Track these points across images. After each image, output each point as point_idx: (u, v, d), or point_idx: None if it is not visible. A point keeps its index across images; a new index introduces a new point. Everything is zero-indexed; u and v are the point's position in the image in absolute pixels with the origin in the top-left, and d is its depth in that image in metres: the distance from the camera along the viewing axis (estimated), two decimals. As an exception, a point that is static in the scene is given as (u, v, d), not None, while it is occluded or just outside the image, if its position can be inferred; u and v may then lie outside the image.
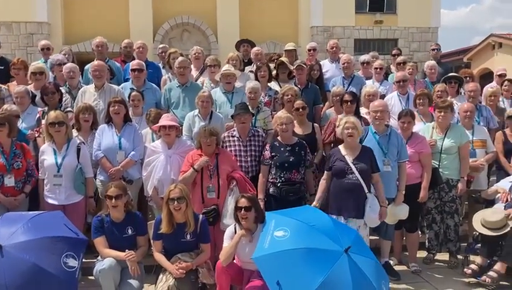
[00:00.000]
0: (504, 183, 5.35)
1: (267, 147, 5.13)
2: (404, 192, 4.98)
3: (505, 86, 7.60)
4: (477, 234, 5.11)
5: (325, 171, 4.86)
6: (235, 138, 5.26)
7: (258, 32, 18.79)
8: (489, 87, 6.95)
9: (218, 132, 4.95)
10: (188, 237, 4.33)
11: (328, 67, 7.69)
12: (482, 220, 4.91)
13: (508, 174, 5.52)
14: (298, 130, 5.58)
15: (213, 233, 4.66)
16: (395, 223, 5.11)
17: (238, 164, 5.17)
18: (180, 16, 19.44)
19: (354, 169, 4.60)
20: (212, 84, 6.59)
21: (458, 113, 5.88)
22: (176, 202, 4.19)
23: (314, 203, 4.80)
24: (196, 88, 5.97)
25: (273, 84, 6.68)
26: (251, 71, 7.00)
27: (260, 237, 3.95)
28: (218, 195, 4.75)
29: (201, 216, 4.44)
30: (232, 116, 5.34)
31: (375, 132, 5.01)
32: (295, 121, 5.61)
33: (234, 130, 5.32)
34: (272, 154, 5.05)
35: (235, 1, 19.52)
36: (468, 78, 7.52)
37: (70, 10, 18.65)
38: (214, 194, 4.76)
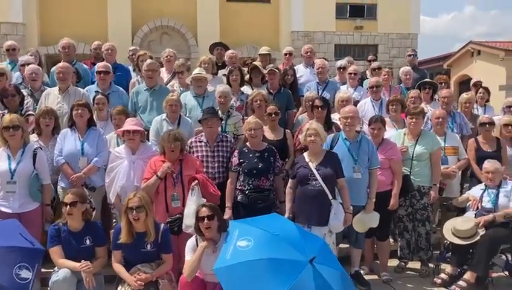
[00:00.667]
0: (475, 191, 5.29)
1: (236, 153, 4.99)
2: (374, 200, 4.89)
3: (480, 93, 7.63)
4: (448, 242, 5.03)
5: (290, 179, 4.75)
6: (203, 143, 5.10)
7: (238, 36, 18.74)
8: (465, 94, 6.92)
9: (183, 137, 4.78)
10: (149, 247, 4.15)
11: (302, 72, 7.59)
12: (453, 229, 4.84)
13: (480, 182, 5.46)
14: (269, 135, 5.45)
15: (177, 243, 4.48)
16: (366, 231, 5.00)
17: (205, 169, 5.00)
18: (159, 18, 19.23)
19: (317, 175, 4.50)
20: (182, 88, 6.42)
21: (430, 119, 5.82)
22: (134, 212, 4.01)
23: (286, 214, 4.68)
24: (165, 92, 5.79)
25: (246, 89, 6.54)
26: (224, 75, 6.85)
27: (222, 248, 3.80)
28: (183, 203, 4.57)
29: (162, 225, 4.27)
30: (199, 121, 5.17)
31: (345, 138, 4.91)
32: (267, 127, 5.50)
33: (202, 135, 5.16)
34: (240, 160, 4.91)
35: (215, 4, 19.41)
36: (443, 84, 7.51)
37: (46, 11, 18.31)
38: (179, 203, 4.57)
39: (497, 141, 5.86)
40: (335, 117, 5.78)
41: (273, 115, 5.44)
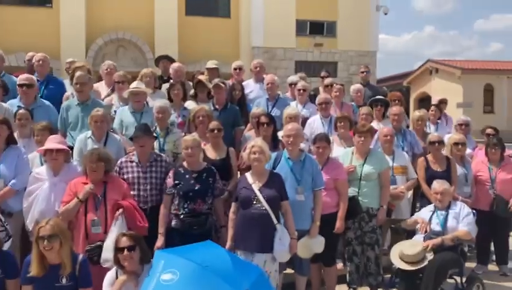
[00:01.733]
0: (424, 213, 5.07)
1: (171, 174, 4.60)
2: (319, 223, 4.58)
3: (432, 110, 7.53)
4: (397, 267, 4.76)
5: (233, 203, 4.39)
6: (134, 164, 4.68)
7: (198, 50, 18.43)
8: (417, 112, 6.79)
9: (108, 157, 4.36)
10: (64, 280, 3.66)
11: (252, 88, 7.28)
12: (400, 253, 4.58)
13: (431, 203, 5.25)
14: (211, 154, 5.10)
15: (99, 275, 4.01)
16: (311, 257, 4.67)
17: (136, 192, 4.59)
18: (115, 31, 18.72)
19: (260, 197, 4.16)
20: (121, 103, 6.00)
21: (378, 137, 5.61)
22: (46, 241, 3.53)
23: (227, 243, 4.31)
24: (98, 107, 5.35)
25: (191, 104, 6.19)
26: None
27: (144, 282, 3.39)
28: (106, 229, 4.12)
29: (81, 256, 3.80)
30: (130, 139, 4.76)
31: (288, 158, 4.60)
32: (209, 145, 5.15)
33: (133, 155, 4.75)
34: (175, 182, 4.52)
35: (173, 17, 19.08)
36: (396, 102, 7.33)
37: (-5, 21, 17.53)
38: (100, 229, 4.12)
39: (447, 160, 5.69)
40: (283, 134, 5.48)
41: (215, 132, 5.09)
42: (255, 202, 4.17)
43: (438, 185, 4.99)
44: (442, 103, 8.28)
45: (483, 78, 24.49)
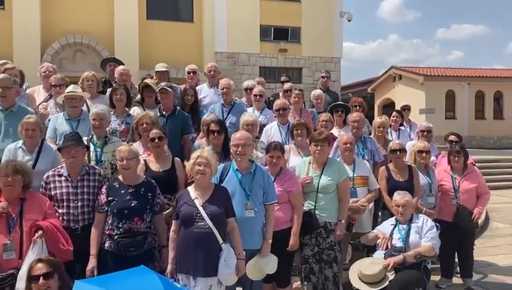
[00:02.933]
0: (385, 227, 4.73)
1: (104, 189, 4.09)
2: (271, 240, 4.15)
3: (393, 116, 7.25)
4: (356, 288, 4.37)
5: (173, 221, 3.91)
6: (63, 178, 4.13)
7: (159, 55, 17.76)
8: (378, 118, 6.47)
9: (27, 170, 3.82)
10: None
11: (206, 93, 6.84)
12: (359, 273, 4.20)
13: (393, 215, 4.92)
14: (154, 165, 4.61)
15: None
16: (262, 278, 4.23)
17: (66, 210, 4.05)
18: (73, 34, 17.98)
19: (204, 215, 3.70)
20: (58, 109, 5.44)
21: (338, 145, 5.24)
22: None
23: (168, 267, 3.83)
24: (25, 113, 4.78)
25: (136, 110, 5.68)
26: (112, 94, 5.93)
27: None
28: (21, 255, 3.56)
29: (-12, 288, 3.26)
30: (58, 149, 4.22)
31: (237, 169, 4.15)
32: (151, 156, 4.66)
33: (62, 168, 4.20)
34: (109, 198, 4.02)
35: (134, 22, 18.51)
36: (357, 108, 7.00)
37: None
38: (14, 254, 3.56)
39: (409, 169, 5.38)
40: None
41: (156, 141, 4.60)
42: (197, 220, 3.71)
43: (399, 197, 4.67)
44: (405, 109, 8.02)
45: (445, 85, 24.82)
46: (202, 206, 3.75)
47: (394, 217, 4.76)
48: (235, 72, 19.00)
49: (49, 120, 5.21)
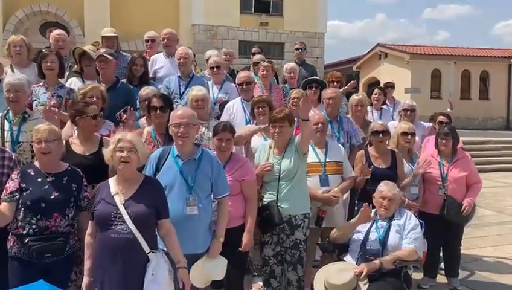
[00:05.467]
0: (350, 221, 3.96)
1: (15, 175, 3.26)
2: (222, 239, 3.39)
3: (375, 94, 6.49)
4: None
5: (90, 222, 3.10)
6: (-41, 163, 3.31)
7: (133, 28, 16.70)
8: (355, 95, 5.68)
9: None
10: None
11: (162, 63, 5.96)
12: (325, 282, 3.45)
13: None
14: (78, 148, 3.77)
15: None
16: (208, 284, 3.48)
17: (-39, 204, 3.22)
18: (38, 3, 16.71)
19: (125, 215, 2.89)
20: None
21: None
22: None
23: (84, 280, 3.03)
24: None
25: (74, 81, 4.82)
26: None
27: None
28: None
29: None
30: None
31: (177, 156, 3.35)
32: (78, 137, 3.83)
33: (-41, 150, 3.37)
34: (22, 185, 3.20)
35: (105, -9, 17.32)
36: (335, 83, 6.20)
37: None
38: None
39: (392, 154, 4.64)
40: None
41: (96, 119, 3.78)
42: (116, 222, 2.89)
43: (387, 188, 3.90)
44: (388, 86, 7.27)
45: (431, 64, 24.24)
46: (123, 204, 2.93)
47: (373, 210, 4.01)
48: (212, 46, 17.94)
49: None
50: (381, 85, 7.69)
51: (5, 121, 3.85)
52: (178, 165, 3.31)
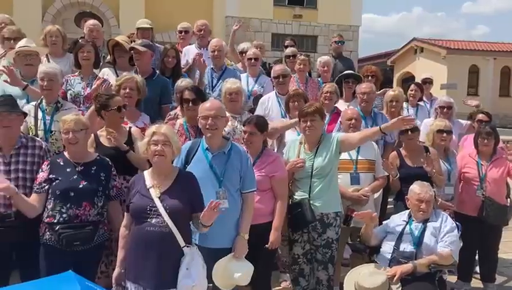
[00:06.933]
0: (395, 223, 3.83)
1: (45, 165, 3.30)
2: (247, 236, 3.32)
3: (411, 90, 6.28)
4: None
5: (125, 213, 3.10)
6: (-7, 151, 3.36)
7: (167, 20, 16.77)
8: (391, 91, 5.52)
9: None
10: None
11: (194, 55, 5.92)
12: (356, 285, 3.35)
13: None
14: (107, 141, 3.78)
15: None
16: (231, 288, 3.37)
17: (-6, 192, 3.28)
18: (75, -7, 17.01)
19: (160, 209, 2.87)
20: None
21: (341, 121, 4.35)
22: None
23: (115, 271, 3.04)
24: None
25: (107, 72, 4.85)
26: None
27: None
28: None
29: None
30: (-12, 117, 3.41)
31: (207, 149, 3.30)
32: (103, 130, 3.86)
33: (-8, 139, 3.42)
34: (51, 176, 3.23)
35: (140, -17, 17.45)
36: (369, 78, 6.03)
37: None
38: None
39: (426, 151, 4.47)
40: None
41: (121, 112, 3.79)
42: (151, 216, 2.87)
43: (423, 190, 3.72)
44: (426, 82, 7.01)
45: (469, 60, 23.51)
46: (159, 197, 2.91)
47: (407, 211, 3.87)
48: (245, 39, 17.84)
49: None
50: (417, 80, 7.44)
51: (39, 110, 3.90)
52: (208, 158, 3.27)
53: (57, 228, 3.18)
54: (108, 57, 5.05)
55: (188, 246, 2.93)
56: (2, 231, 3.19)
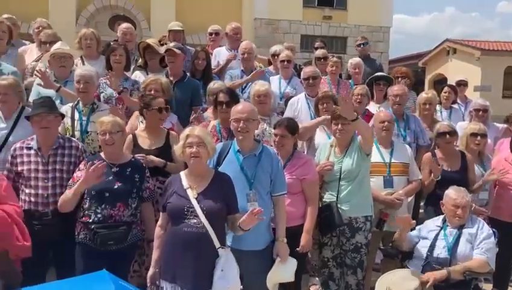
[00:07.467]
0: (429, 228, 3.74)
1: (82, 165, 3.39)
2: (285, 240, 3.30)
3: (445, 92, 6.15)
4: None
5: (161, 213, 3.15)
6: (32, 151, 3.45)
7: (196, 21, 16.95)
8: (424, 93, 5.42)
9: None
10: None
11: (224, 57, 5.95)
12: (388, 290, 3.31)
13: (438, 213, 3.95)
14: (144, 141, 3.86)
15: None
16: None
17: (33, 191, 3.40)
18: (108, -3, 17.39)
19: (198, 209, 2.90)
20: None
21: (373, 124, 4.30)
22: None
23: (150, 270, 3.08)
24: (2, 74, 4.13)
25: (139, 75, 4.93)
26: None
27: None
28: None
29: None
30: (27, 118, 3.52)
31: (238, 151, 3.31)
32: (142, 130, 3.93)
33: (32, 139, 3.52)
34: None
35: (171, -14, 17.69)
36: (400, 79, 5.94)
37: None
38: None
39: (462, 156, 4.37)
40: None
41: (163, 112, 3.85)
42: (189, 216, 2.91)
43: (459, 195, 3.63)
44: (461, 84, 6.85)
45: (504, 61, 22.77)
46: (196, 198, 2.94)
47: (441, 217, 3.79)
48: (274, 41, 17.87)
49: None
50: (450, 82, 7.28)
51: (75, 111, 4.00)
52: (239, 160, 3.28)
53: (92, 227, 3.26)
54: (140, 60, 5.11)
55: (222, 248, 2.95)
56: (39, 229, 3.27)
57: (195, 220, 2.90)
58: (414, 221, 3.70)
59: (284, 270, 3.28)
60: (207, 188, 2.99)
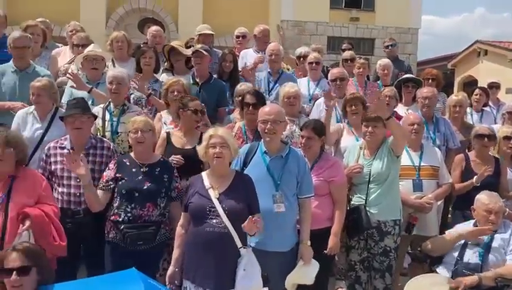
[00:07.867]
0: (458, 230, 3.68)
1: (112, 164, 3.45)
2: (309, 242, 3.30)
3: (476, 94, 6.03)
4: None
5: (182, 213, 3.18)
6: (65, 151, 3.54)
7: (223, 23, 17.02)
8: (454, 95, 5.33)
9: (21, 142, 3.23)
10: None
11: (252, 58, 5.96)
12: (417, 296, 3.25)
13: (467, 218, 3.88)
14: (178, 141, 3.91)
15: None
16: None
17: (66, 190, 3.49)
18: (137, 0, 17.63)
19: (219, 210, 2.93)
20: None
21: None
22: None
23: (169, 269, 3.12)
24: (39, 76, 4.24)
25: (165, 77, 5.00)
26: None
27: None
28: (2, 244, 2.96)
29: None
30: (61, 118, 3.62)
31: (265, 152, 3.32)
32: (177, 129, 3.98)
33: (65, 139, 3.61)
34: (117, 175, 3.38)
35: (200, -11, 17.85)
36: (430, 81, 5.84)
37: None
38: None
39: (496, 161, 4.27)
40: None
41: (198, 114, 3.90)
42: (211, 216, 2.94)
43: (492, 200, 3.54)
44: (493, 86, 6.69)
45: (539, 62, 22.06)
46: (218, 198, 2.98)
47: (472, 221, 3.71)
48: (301, 42, 17.81)
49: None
50: (481, 84, 7.11)
51: (106, 112, 4.09)
52: (265, 161, 3.29)
53: (122, 227, 3.32)
54: (166, 63, 5.18)
55: (244, 247, 2.97)
56: (71, 227, 3.35)
57: (217, 220, 2.93)
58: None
59: (305, 273, 3.27)
60: (228, 188, 3.02)
